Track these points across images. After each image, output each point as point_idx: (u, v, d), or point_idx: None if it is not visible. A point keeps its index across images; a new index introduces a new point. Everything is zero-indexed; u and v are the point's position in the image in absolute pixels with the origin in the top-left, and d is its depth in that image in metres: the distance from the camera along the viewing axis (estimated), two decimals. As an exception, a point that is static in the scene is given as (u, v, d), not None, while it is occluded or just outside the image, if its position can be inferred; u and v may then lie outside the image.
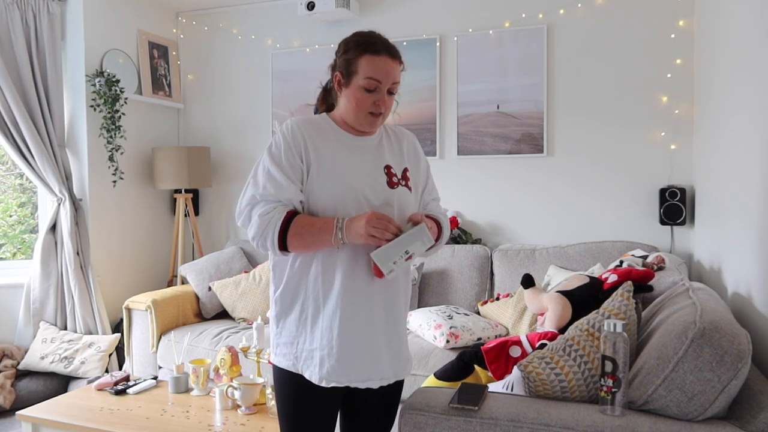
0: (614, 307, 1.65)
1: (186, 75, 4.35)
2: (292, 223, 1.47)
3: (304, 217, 1.50)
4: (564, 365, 1.53)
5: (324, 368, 1.51)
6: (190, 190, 4.16)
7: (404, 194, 1.59)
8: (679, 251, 3.23)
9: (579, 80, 3.39)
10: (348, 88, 1.54)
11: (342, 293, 1.50)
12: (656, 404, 1.41)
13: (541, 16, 3.45)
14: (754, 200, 1.86)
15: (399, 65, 1.56)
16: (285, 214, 1.48)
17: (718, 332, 1.37)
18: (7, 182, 3.83)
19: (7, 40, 3.32)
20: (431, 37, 3.68)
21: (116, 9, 3.85)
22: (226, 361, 2.56)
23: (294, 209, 1.51)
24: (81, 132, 3.64)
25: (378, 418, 1.67)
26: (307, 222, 1.48)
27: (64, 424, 2.30)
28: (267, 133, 4.12)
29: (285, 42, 4.06)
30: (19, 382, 3.28)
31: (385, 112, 1.57)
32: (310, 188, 1.52)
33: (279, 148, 1.53)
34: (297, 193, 1.51)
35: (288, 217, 1.48)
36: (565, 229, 3.45)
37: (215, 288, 3.53)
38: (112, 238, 3.84)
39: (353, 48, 1.53)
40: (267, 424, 2.25)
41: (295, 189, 1.51)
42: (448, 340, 2.75)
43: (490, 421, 1.42)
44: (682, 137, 3.21)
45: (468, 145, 3.61)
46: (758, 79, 1.85)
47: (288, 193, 1.50)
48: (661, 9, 3.22)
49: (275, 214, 1.48)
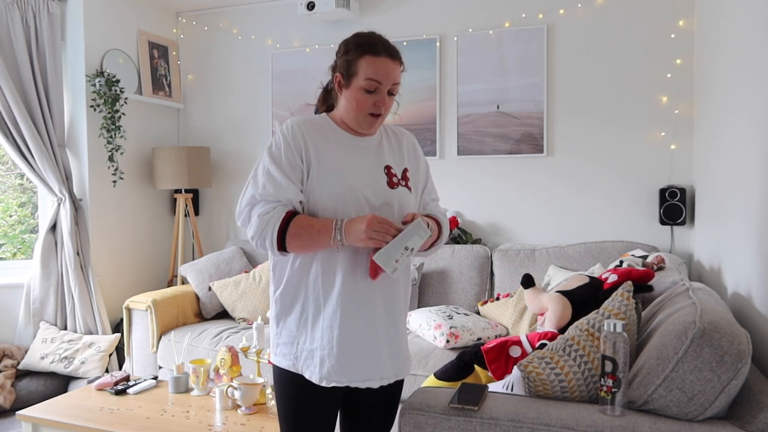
0: (614, 307, 1.65)
1: (186, 75, 4.35)
2: (291, 224, 1.47)
3: (303, 218, 1.49)
4: (564, 365, 1.53)
5: (324, 368, 1.51)
6: (190, 190, 4.16)
7: (404, 194, 1.59)
8: (679, 251, 3.23)
9: (579, 80, 3.39)
10: (348, 89, 1.54)
11: (342, 293, 1.50)
12: (656, 404, 1.41)
13: (541, 16, 3.45)
14: (754, 200, 1.86)
15: (399, 66, 1.56)
16: (284, 215, 1.47)
17: (718, 332, 1.37)
18: (7, 182, 3.83)
19: (7, 40, 3.32)
20: (431, 37, 3.68)
21: (116, 9, 3.85)
22: (226, 361, 2.56)
23: (293, 210, 1.51)
24: (81, 132, 3.64)
25: (378, 418, 1.67)
26: (306, 223, 1.48)
27: (64, 424, 2.30)
28: (267, 133, 4.12)
29: (285, 42, 4.06)
30: (19, 382, 3.28)
31: (385, 113, 1.57)
32: (310, 188, 1.52)
33: (279, 147, 1.52)
34: (297, 193, 1.51)
35: (287, 217, 1.47)
36: (565, 229, 3.45)
37: (215, 288, 3.53)
38: (112, 238, 3.84)
39: (353, 49, 1.53)
40: (267, 424, 2.25)
41: (294, 189, 1.50)
42: (448, 340, 2.75)
43: (490, 421, 1.42)
44: (682, 137, 3.21)
45: (468, 145, 3.61)
46: (758, 79, 1.85)
47: (288, 193, 1.50)
48: (661, 9, 3.22)
49: (274, 214, 1.47)
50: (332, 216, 1.50)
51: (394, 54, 1.55)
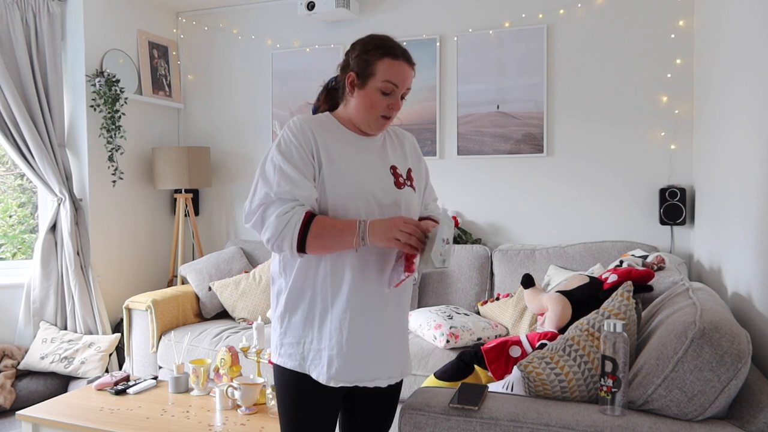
0: (614, 307, 1.65)
1: (186, 75, 4.35)
2: (312, 225, 1.43)
3: (324, 219, 1.46)
4: (564, 365, 1.53)
5: (333, 368, 1.50)
6: (190, 190, 4.16)
7: (410, 195, 1.60)
8: (679, 251, 3.23)
9: (579, 80, 3.39)
10: (363, 90, 1.53)
11: (352, 292, 1.49)
12: (656, 404, 1.41)
13: (541, 16, 3.45)
14: (754, 200, 1.86)
15: (413, 72, 1.56)
16: (304, 215, 1.43)
17: (718, 332, 1.37)
18: (7, 182, 3.83)
19: (7, 40, 3.32)
20: (431, 37, 3.68)
21: (116, 9, 3.85)
22: (226, 361, 2.56)
23: (311, 210, 1.47)
24: (81, 132, 3.64)
25: (378, 418, 1.67)
26: (328, 224, 1.44)
27: (64, 424, 2.30)
28: (267, 133, 4.12)
29: (285, 42, 4.06)
30: (19, 382, 3.28)
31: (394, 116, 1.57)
32: (320, 188, 1.49)
33: (289, 144, 1.49)
34: (312, 190, 1.47)
35: (307, 218, 1.43)
36: (565, 229, 3.45)
37: (215, 288, 3.53)
38: (112, 238, 3.84)
39: (373, 50, 1.52)
40: (267, 424, 2.25)
41: (310, 186, 1.47)
42: (448, 340, 2.75)
43: (490, 421, 1.42)
44: (682, 137, 3.21)
45: (468, 145, 3.61)
46: (758, 79, 1.85)
47: (304, 190, 1.46)
48: (661, 9, 3.22)
49: (294, 214, 1.43)
50: (343, 216, 1.49)
51: (410, 59, 1.55)
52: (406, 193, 1.58)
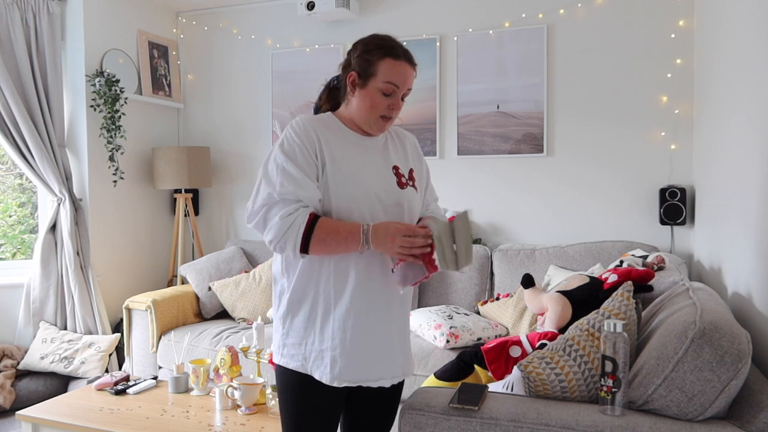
0: (614, 307, 1.65)
1: (186, 75, 4.35)
2: (316, 227, 1.43)
3: (328, 222, 1.45)
4: (564, 365, 1.53)
5: (336, 368, 1.49)
6: (190, 190, 4.16)
7: (413, 195, 1.60)
8: (679, 251, 3.23)
9: (579, 80, 3.39)
10: (364, 89, 1.53)
11: (355, 293, 1.49)
12: (656, 404, 1.41)
13: (541, 16, 3.45)
14: (754, 200, 1.86)
15: (414, 72, 1.56)
16: (308, 217, 1.43)
17: (718, 332, 1.37)
18: (7, 182, 3.83)
19: (7, 40, 3.32)
20: (431, 37, 3.68)
21: (116, 9, 3.85)
22: (226, 361, 2.56)
23: (315, 212, 1.47)
24: (81, 132, 3.64)
25: (380, 418, 1.67)
26: (332, 227, 1.44)
27: (64, 424, 2.30)
28: (267, 133, 4.12)
29: (285, 42, 4.06)
30: (19, 382, 3.28)
31: (395, 117, 1.57)
32: (323, 188, 1.49)
33: (292, 144, 1.48)
34: (316, 191, 1.47)
35: (311, 220, 1.43)
36: (565, 229, 3.45)
37: (215, 288, 3.53)
38: (112, 238, 3.84)
39: (374, 50, 1.52)
40: (267, 424, 2.25)
41: (313, 186, 1.46)
42: (448, 340, 2.75)
43: (490, 421, 1.42)
44: (682, 137, 3.21)
45: (468, 145, 3.61)
46: (758, 79, 1.85)
47: (307, 191, 1.45)
48: (661, 9, 3.22)
49: (298, 216, 1.42)
50: (346, 217, 1.48)
51: (411, 59, 1.55)
52: (409, 193, 1.58)
